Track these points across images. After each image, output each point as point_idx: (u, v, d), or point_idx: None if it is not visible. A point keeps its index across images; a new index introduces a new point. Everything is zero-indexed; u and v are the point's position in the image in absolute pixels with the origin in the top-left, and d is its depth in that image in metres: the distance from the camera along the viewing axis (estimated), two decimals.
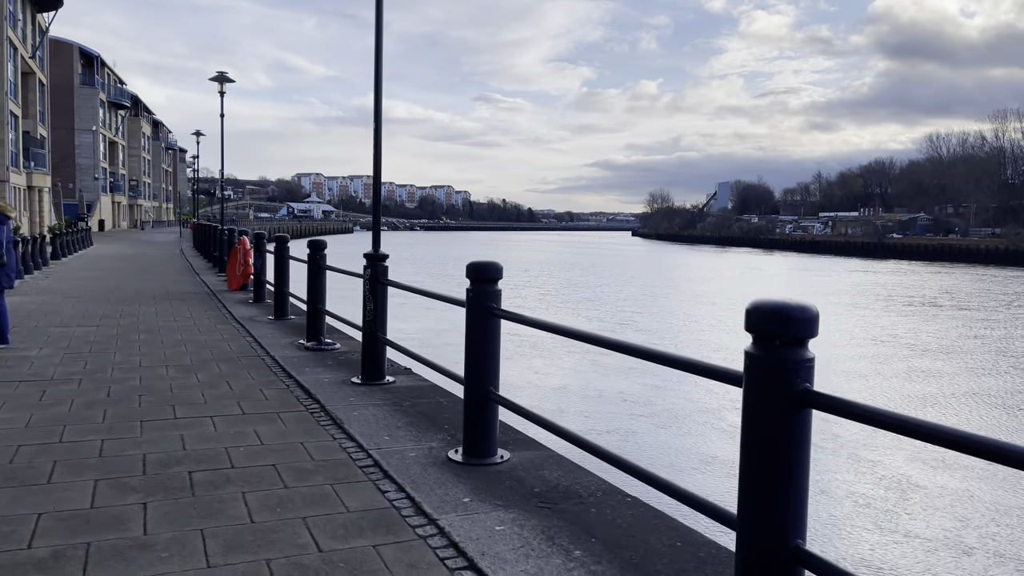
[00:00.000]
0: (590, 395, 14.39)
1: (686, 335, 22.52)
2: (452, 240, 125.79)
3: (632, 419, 12.83)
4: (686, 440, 11.79)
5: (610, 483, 4.03)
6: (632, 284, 41.42)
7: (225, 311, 11.35)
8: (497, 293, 4.34)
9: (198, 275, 18.34)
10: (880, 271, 57.53)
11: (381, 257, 6.43)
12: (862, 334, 23.31)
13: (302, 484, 3.95)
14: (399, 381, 6.47)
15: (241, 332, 9.29)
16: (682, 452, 11.23)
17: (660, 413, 13.16)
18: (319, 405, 5.64)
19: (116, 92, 67.85)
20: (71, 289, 14.34)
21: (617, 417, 12.93)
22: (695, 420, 12.79)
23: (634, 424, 12.57)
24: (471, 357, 4.37)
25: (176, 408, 5.48)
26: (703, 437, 11.89)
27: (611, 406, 13.61)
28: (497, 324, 4.35)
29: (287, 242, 10.61)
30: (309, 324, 8.33)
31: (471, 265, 4.34)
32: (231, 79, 18.88)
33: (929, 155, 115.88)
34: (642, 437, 11.89)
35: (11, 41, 30.30)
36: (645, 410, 13.37)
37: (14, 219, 8.21)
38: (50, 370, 6.75)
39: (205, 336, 8.92)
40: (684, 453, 11.20)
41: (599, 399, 14.08)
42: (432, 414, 5.41)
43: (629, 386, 14.95)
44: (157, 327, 9.58)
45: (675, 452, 11.22)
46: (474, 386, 4.37)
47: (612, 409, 13.42)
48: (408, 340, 8.11)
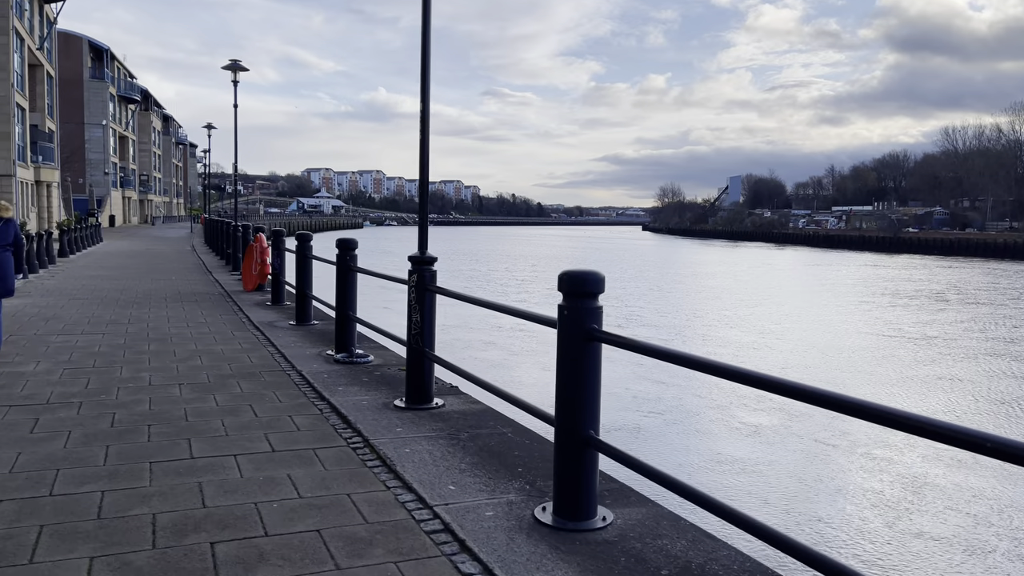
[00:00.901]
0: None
1: (692, 330, 21.62)
2: (463, 235, 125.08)
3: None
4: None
5: (754, 559, 3.12)
6: (649, 279, 40.41)
7: (242, 315, 10.48)
8: (599, 311, 3.42)
9: (211, 273, 17.50)
10: (890, 265, 56.94)
11: (429, 260, 5.52)
12: (866, 328, 22.33)
13: (358, 563, 3.04)
14: (448, 404, 5.57)
15: (261, 340, 8.41)
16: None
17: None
18: (362, 438, 4.74)
19: (126, 86, 67.22)
20: (77, 290, 13.51)
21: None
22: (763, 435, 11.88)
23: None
24: (566, 392, 3.45)
25: (192, 443, 4.59)
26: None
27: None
28: (598, 350, 3.43)
29: (310, 240, 9.72)
30: (338, 333, 7.44)
31: (565, 275, 3.42)
32: (244, 67, 17.95)
33: (944, 148, 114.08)
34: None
35: (17, 31, 29.47)
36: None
37: (13, 216, 7.32)
38: (47, 391, 5.87)
39: (222, 346, 8.03)
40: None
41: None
42: (499, 451, 4.50)
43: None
44: (169, 335, 8.70)
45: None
46: (570, 430, 3.45)
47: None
48: (447, 351, 7.22)
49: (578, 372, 3.41)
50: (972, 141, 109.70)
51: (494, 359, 16.56)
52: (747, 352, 18.63)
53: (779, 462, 10.52)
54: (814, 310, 27.87)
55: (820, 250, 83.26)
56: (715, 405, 13.30)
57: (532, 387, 13.64)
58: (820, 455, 10.86)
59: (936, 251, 75.86)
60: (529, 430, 4.93)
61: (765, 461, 10.52)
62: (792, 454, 10.89)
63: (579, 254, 68.38)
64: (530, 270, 46.97)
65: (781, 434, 11.75)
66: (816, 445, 11.28)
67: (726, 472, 10.09)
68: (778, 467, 10.32)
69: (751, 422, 12.34)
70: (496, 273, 44.17)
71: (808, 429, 11.92)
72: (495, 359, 16.59)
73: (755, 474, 10.05)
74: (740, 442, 11.37)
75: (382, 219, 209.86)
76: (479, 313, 19.70)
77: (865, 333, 22.21)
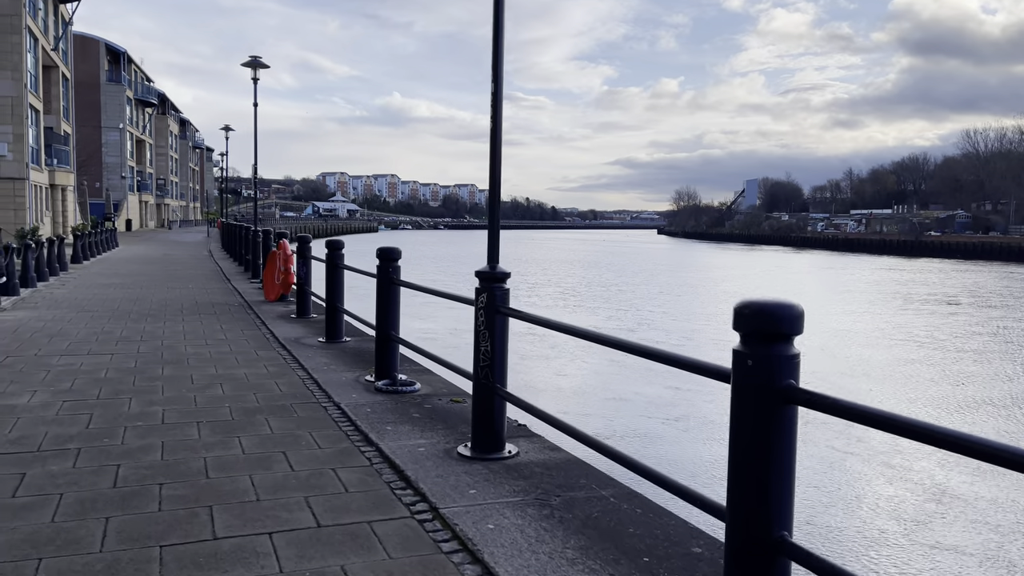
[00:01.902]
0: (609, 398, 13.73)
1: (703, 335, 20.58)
2: (478, 239, 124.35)
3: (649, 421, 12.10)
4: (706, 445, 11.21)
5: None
6: (664, 283, 39.27)
7: (265, 330, 9.53)
8: (796, 362, 2.39)
9: (229, 281, 16.61)
10: (907, 269, 55.88)
11: (501, 276, 4.52)
12: (877, 331, 21.12)
13: None
14: (522, 450, 4.57)
15: (289, 362, 7.44)
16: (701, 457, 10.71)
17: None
18: (428, 504, 3.74)
19: (143, 89, 66.87)
20: (88, 300, 12.62)
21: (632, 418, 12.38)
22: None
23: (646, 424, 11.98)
24: (745, 475, 2.42)
25: (215, 513, 3.60)
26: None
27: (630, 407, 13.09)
28: (795, 416, 2.40)
29: (340, 248, 8.75)
30: (379, 356, 6.43)
31: (747, 308, 2.41)
32: (264, 64, 17.04)
33: (965, 151, 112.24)
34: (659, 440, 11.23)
35: (31, 31, 28.76)
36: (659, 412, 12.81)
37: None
38: (40, 431, 4.92)
39: (245, 369, 7.07)
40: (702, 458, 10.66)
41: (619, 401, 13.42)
42: (609, 527, 3.48)
43: (643, 387, 14.26)
44: (185, 355, 7.75)
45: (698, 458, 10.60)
46: (753, 531, 2.43)
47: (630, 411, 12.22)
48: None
49: (766, 448, 2.39)
50: (994, 143, 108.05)
51: (564, 386, 14.78)
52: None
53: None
54: (872, 316, 26.68)
55: (840, 254, 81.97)
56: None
57: (602, 419, 12.39)
58: (837, 462, 10.44)
59: (959, 255, 74.73)
60: (637, 494, 3.90)
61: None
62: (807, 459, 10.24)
63: (606, 259, 67.35)
64: (542, 274, 45.93)
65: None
66: (831, 451, 10.85)
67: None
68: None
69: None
70: (531, 276, 43.18)
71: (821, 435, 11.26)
72: (565, 386, 14.80)
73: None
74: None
75: (397, 223, 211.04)
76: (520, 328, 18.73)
77: (870, 335, 21.04)
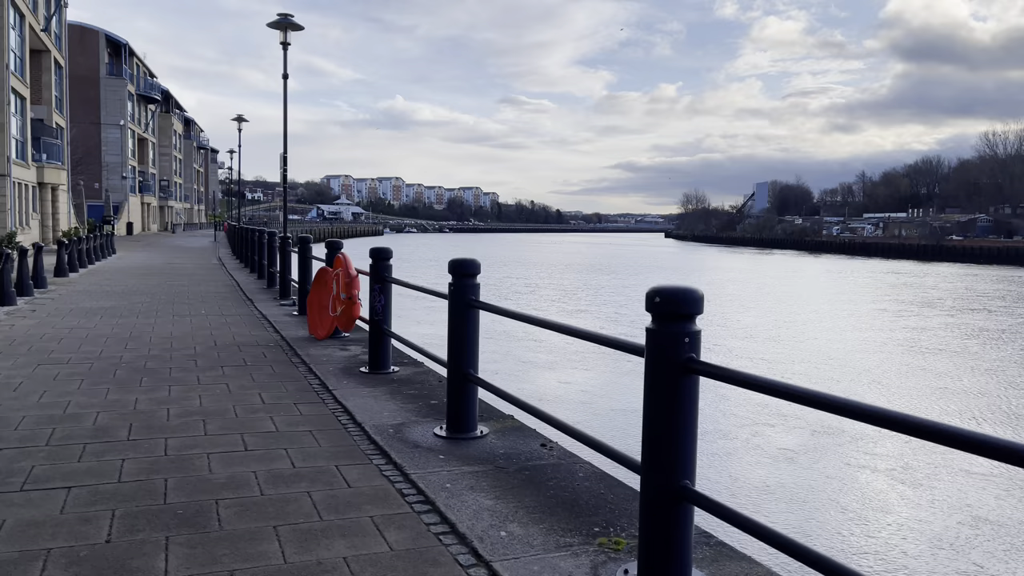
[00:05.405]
0: None
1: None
2: (484, 242, 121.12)
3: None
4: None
5: None
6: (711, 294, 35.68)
7: (333, 404, 5.86)
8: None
9: (252, 304, 12.93)
10: (931, 274, 53.81)
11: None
12: None
13: None
14: None
15: (414, 498, 3.75)
16: None
17: None
18: None
19: (146, 85, 63.38)
20: (58, 340, 8.94)
21: None
22: None
23: None
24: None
25: None
26: None
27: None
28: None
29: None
30: None
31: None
32: (298, 25, 13.49)
33: (981, 154, 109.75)
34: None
35: (15, 5, 25.01)
36: None
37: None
38: None
39: (341, 539, 3.40)
40: None
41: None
42: None
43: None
44: (211, 485, 4.06)
45: None
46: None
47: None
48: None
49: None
50: (1013, 146, 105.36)
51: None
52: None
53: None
54: None
55: (858, 258, 79.27)
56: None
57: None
58: (849, 477, 9.83)
59: (982, 260, 72.38)
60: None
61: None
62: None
63: (617, 262, 64.11)
64: (546, 276, 42.39)
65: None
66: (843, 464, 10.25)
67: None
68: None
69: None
70: (533, 280, 39.65)
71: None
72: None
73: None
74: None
75: (402, 226, 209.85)
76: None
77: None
